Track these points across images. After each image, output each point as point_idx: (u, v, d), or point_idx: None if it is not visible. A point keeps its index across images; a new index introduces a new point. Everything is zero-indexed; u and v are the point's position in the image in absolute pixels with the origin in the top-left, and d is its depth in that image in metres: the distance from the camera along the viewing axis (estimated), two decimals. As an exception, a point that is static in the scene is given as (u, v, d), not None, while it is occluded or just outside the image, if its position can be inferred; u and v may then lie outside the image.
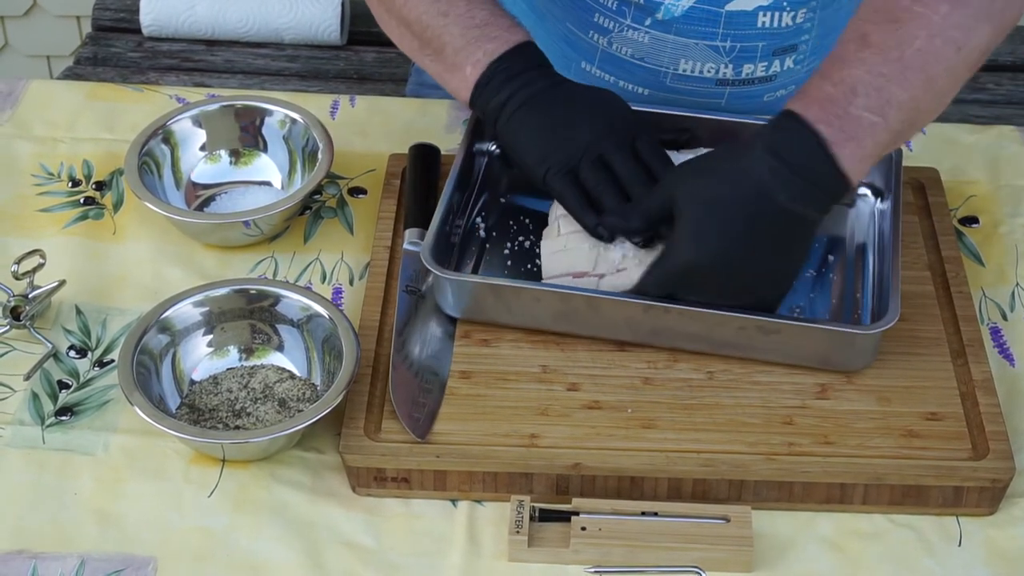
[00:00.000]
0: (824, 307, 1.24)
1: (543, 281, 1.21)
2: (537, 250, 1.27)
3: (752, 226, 1.13)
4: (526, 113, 1.21)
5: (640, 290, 1.17)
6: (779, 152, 1.12)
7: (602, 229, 1.19)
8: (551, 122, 1.21)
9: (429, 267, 1.19)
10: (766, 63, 1.39)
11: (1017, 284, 1.31)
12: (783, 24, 1.36)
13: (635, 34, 1.38)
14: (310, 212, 1.37)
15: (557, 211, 1.23)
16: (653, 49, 1.38)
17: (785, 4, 1.34)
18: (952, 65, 1.15)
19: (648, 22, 1.37)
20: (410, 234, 1.28)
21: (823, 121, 1.12)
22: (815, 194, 1.12)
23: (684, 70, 1.39)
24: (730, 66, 1.39)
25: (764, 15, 1.35)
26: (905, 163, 1.33)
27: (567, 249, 1.20)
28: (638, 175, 1.19)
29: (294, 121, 1.39)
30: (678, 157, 1.23)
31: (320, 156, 1.35)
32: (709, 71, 1.39)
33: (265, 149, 1.40)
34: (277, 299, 1.21)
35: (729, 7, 1.35)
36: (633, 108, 1.24)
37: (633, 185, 1.19)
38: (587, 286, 1.19)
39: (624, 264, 1.19)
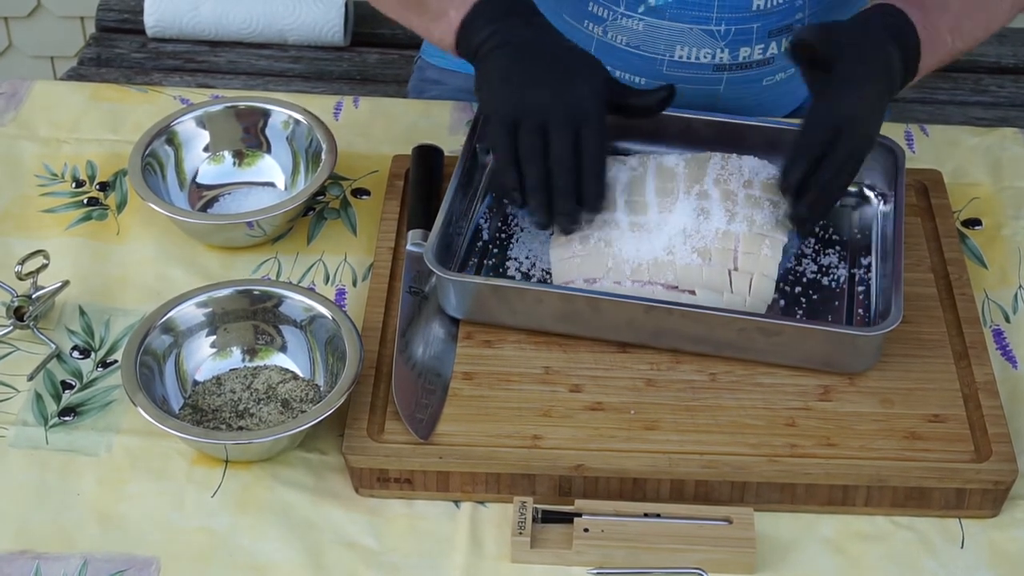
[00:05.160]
0: (827, 309, 1.24)
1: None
2: (538, 251, 1.27)
3: (882, 98, 1.22)
4: (498, 56, 1.22)
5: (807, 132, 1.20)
6: (905, 47, 1.23)
7: (516, 194, 1.20)
8: (515, 73, 1.21)
9: (432, 268, 1.19)
10: (763, 45, 1.39)
11: (1020, 286, 1.31)
12: (776, 3, 1.36)
13: (629, 22, 1.38)
14: (313, 213, 1.37)
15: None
16: (648, 37, 1.39)
17: None
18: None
19: (641, 9, 1.37)
20: (413, 235, 1.28)
21: (920, 23, 1.23)
22: (903, 85, 1.24)
23: (680, 56, 1.39)
24: (726, 50, 1.39)
25: None
26: (908, 165, 1.33)
27: (578, 256, 1.20)
28: (565, 160, 1.18)
29: (297, 122, 1.39)
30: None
31: (323, 157, 1.35)
32: (705, 56, 1.39)
33: (268, 150, 1.40)
34: (280, 300, 1.22)
35: None
36: (608, 80, 1.22)
37: (557, 167, 1.18)
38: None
39: (638, 276, 1.19)
